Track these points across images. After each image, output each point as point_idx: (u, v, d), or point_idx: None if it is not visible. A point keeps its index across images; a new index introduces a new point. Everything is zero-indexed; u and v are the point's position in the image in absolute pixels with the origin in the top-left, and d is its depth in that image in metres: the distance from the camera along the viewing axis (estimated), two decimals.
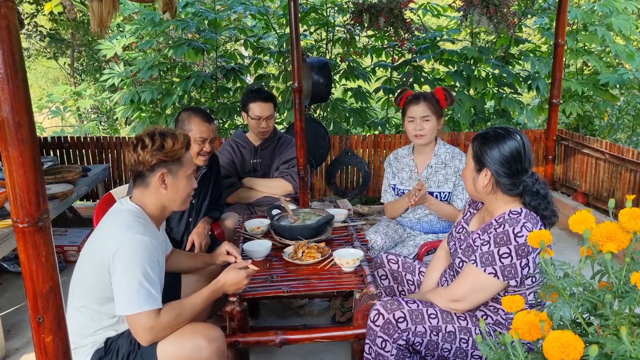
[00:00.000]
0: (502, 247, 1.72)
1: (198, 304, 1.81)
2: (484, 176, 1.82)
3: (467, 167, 1.91)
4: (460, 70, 5.10)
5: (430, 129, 2.59)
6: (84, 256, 1.81)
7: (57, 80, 9.42)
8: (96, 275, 1.73)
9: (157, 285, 1.72)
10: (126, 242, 1.68)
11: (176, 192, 1.87)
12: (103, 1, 2.62)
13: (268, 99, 3.09)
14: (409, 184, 2.71)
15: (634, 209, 1.13)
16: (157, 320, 1.68)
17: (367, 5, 4.65)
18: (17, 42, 1.01)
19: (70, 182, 3.47)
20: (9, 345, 2.67)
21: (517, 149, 1.78)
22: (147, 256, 1.69)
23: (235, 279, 1.86)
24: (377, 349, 1.82)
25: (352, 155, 4.69)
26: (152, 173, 1.82)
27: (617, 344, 1.01)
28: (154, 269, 1.71)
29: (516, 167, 1.78)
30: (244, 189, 3.18)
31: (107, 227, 1.80)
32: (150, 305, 1.67)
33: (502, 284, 1.76)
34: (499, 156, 1.79)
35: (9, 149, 1.02)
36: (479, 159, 1.83)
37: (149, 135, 1.82)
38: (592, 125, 5.62)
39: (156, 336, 1.70)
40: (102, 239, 1.76)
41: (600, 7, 4.98)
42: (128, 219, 1.77)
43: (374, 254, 2.53)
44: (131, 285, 1.65)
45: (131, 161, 1.81)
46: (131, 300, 1.65)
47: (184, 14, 5.09)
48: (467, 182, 1.91)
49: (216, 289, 1.86)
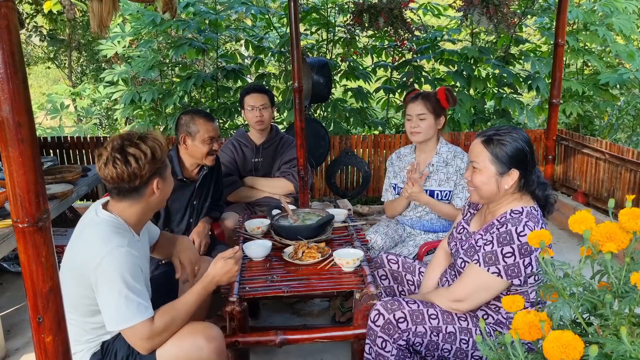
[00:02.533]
0: (506, 247, 1.72)
1: (191, 302, 1.77)
2: (509, 177, 1.80)
3: (482, 172, 1.82)
4: (460, 70, 5.10)
5: (425, 127, 2.61)
6: (64, 268, 1.73)
7: (57, 80, 9.42)
8: (79, 289, 1.68)
9: (144, 293, 1.68)
10: (105, 256, 1.61)
11: (165, 194, 1.84)
12: (103, 1, 2.62)
13: (260, 90, 3.17)
14: None
15: (634, 209, 1.13)
16: (152, 328, 1.65)
17: (367, 5, 4.65)
18: (17, 42, 1.01)
19: (70, 182, 3.47)
20: (9, 345, 2.67)
21: (527, 140, 1.82)
22: (127, 267, 1.63)
23: (224, 268, 1.83)
24: (377, 349, 1.82)
25: (352, 155, 4.69)
26: (147, 184, 1.74)
27: (617, 344, 1.01)
28: (138, 279, 1.67)
29: (533, 158, 1.82)
30: (245, 188, 3.18)
31: (84, 240, 1.72)
32: (142, 316, 1.64)
33: (506, 283, 1.76)
34: (521, 153, 1.79)
35: (9, 149, 1.02)
36: (504, 161, 1.79)
37: (133, 146, 1.69)
38: (592, 125, 5.62)
39: (155, 343, 1.68)
40: (81, 253, 1.70)
41: (601, 7, 4.98)
42: (104, 230, 1.69)
43: (374, 254, 2.53)
44: (117, 300, 1.61)
45: (122, 177, 1.68)
46: (121, 315, 1.62)
47: (184, 14, 5.09)
48: (488, 187, 1.82)
49: (207, 283, 1.83)
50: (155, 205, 1.83)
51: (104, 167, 1.69)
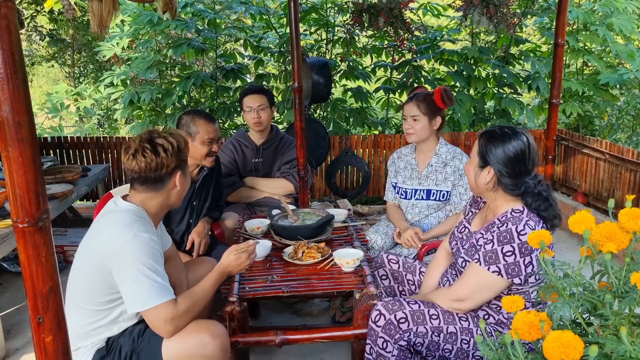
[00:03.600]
0: (506, 246, 1.72)
1: (208, 289, 1.84)
2: (487, 174, 1.82)
3: (470, 161, 1.91)
4: (460, 70, 5.10)
5: (419, 128, 2.62)
6: (81, 257, 1.78)
7: (58, 80, 9.42)
8: (98, 277, 1.71)
9: (166, 277, 1.73)
10: (128, 240, 1.67)
11: (184, 189, 1.91)
12: (103, 1, 2.62)
13: (259, 90, 3.16)
14: (410, 183, 2.73)
15: (634, 209, 1.13)
16: (176, 310, 1.69)
17: (367, 5, 4.65)
18: (17, 42, 1.01)
19: (70, 182, 3.47)
20: (9, 345, 2.67)
21: (522, 150, 1.79)
22: (149, 252, 1.69)
23: (238, 260, 1.91)
24: (378, 349, 1.82)
25: (352, 155, 4.68)
26: (171, 175, 1.83)
27: (617, 344, 1.01)
28: (159, 263, 1.73)
29: (519, 168, 1.79)
30: (245, 188, 3.18)
31: (105, 227, 1.77)
32: (166, 297, 1.68)
33: (506, 282, 1.76)
34: (503, 156, 1.79)
35: (9, 149, 1.02)
36: (484, 156, 1.83)
37: (161, 137, 1.81)
38: (592, 125, 5.62)
39: (177, 325, 1.71)
40: (101, 239, 1.74)
41: (601, 7, 4.98)
42: (127, 218, 1.75)
43: (374, 254, 2.53)
44: (141, 281, 1.65)
45: (151, 165, 1.77)
46: (145, 295, 1.65)
47: (183, 14, 5.09)
48: (469, 176, 1.91)
49: (221, 272, 1.90)
50: (174, 200, 1.90)
51: (132, 158, 1.78)
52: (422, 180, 2.69)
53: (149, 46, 5.25)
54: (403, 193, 2.75)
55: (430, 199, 2.67)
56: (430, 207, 2.68)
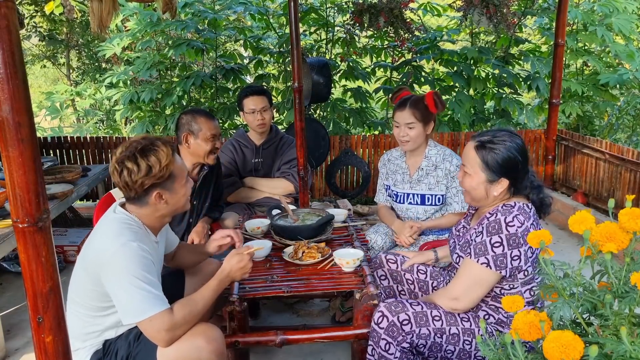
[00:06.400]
0: (494, 236, 1.73)
1: (208, 296, 1.79)
2: (500, 186, 1.81)
3: (473, 177, 1.83)
4: (460, 71, 5.09)
5: (414, 135, 2.56)
6: (78, 262, 1.77)
7: (57, 80, 9.42)
8: (90, 285, 1.69)
9: (159, 286, 1.69)
10: (116, 250, 1.63)
11: (177, 202, 1.82)
12: (103, 1, 2.62)
13: (260, 92, 3.12)
14: (402, 187, 2.69)
15: (634, 209, 1.13)
16: (172, 319, 1.65)
17: (367, 5, 4.65)
18: (17, 42, 1.01)
19: (70, 182, 3.47)
20: (9, 345, 2.67)
21: (522, 148, 1.81)
22: (139, 261, 1.63)
23: (239, 264, 1.85)
24: (380, 351, 1.82)
25: (352, 155, 4.68)
26: (147, 194, 1.74)
27: (617, 344, 1.01)
28: (151, 272, 1.67)
29: (526, 167, 1.81)
30: (245, 188, 3.18)
31: (98, 236, 1.74)
32: (160, 307, 1.64)
33: (495, 275, 1.76)
34: (513, 164, 1.79)
35: (9, 149, 1.02)
36: (494, 170, 1.79)
37: (131, 159, 1.70)
38: (592, 125, 5.62)
39: (174, 335, 1.67)
40: (94, 247, 1.71)
41: (600, 7, 4.98)
42: (116, 227, 1.71)
43: (373, 254, 2.52)
44: (132, 292, 1.61)
45: (120, 185, 1.72)
46: (137, 306, 1.61)
47: (183, 15, 5.09)
48: (477, 192, 1.84)
49: (223, 278, 1.84)
50: (168, 212, 1.82)
51: (111, 172, 1.75)
52: (413, 185, 2.66)
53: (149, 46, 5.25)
54: (395, 196, 2.74)
55: (427, 204, 2.64)
56: (427, 211, 2.66)
